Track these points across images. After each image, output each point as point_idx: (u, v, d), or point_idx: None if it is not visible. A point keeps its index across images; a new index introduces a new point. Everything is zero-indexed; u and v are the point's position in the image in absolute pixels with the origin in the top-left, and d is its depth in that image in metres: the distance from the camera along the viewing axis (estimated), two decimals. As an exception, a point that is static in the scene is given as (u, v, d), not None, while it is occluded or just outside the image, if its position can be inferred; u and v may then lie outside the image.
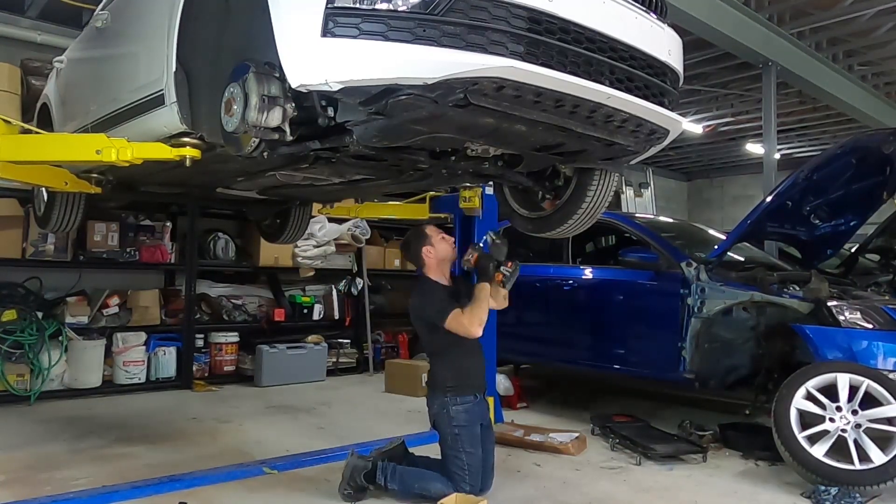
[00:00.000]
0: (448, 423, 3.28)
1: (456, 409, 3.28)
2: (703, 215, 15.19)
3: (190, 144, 2.70)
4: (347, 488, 3.31)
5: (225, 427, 4.82)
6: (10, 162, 3.21)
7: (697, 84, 9.17)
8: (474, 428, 3.32)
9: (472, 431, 3.31)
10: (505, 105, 2.14)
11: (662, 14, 2.60)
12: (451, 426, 3.28)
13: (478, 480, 3.26)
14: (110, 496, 3.26)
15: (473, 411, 3.33)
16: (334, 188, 3.82)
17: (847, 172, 4.64)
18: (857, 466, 3.52)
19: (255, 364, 6.58)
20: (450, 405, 3.29)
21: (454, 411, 3.28)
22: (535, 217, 3.44)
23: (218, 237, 6.85)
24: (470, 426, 3.30)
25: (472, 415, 3.32)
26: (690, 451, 4.24)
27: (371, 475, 3.30)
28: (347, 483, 3.31)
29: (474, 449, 3.27)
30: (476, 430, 3.33)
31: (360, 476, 3.28)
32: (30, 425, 4.72)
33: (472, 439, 3.29)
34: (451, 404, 3.29)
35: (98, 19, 3.51)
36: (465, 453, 3.24)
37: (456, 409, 3.28)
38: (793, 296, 4.29)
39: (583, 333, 5.35)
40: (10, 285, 5.59)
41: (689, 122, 10.42)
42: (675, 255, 4.81)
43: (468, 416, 3.30)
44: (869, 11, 7.27)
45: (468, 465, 3.23)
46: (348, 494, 3.31)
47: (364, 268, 7.66)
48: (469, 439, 3.27)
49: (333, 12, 1.95)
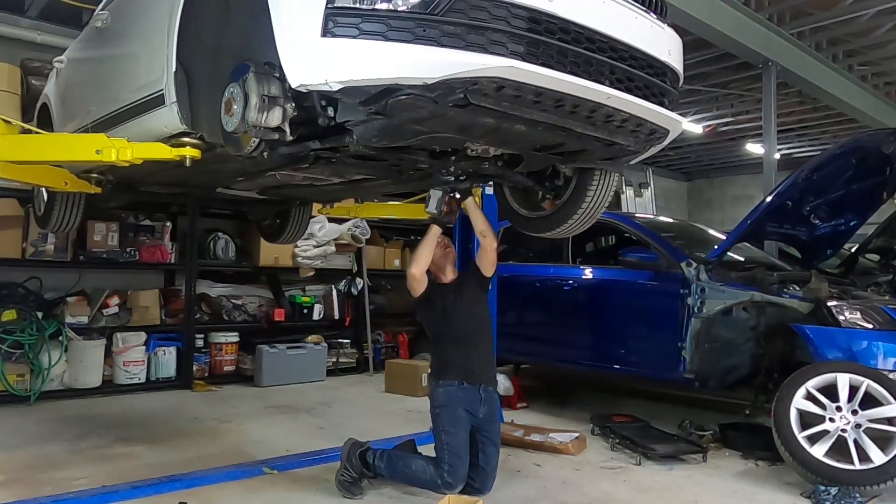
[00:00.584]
0: (431, 403, 3.46)
1: (437, 390, 3.44)
2: (703, 215, 15.19)
3: (190, 144, 2.70)
4: (344, 472, 3.39)
5: (225, 427, 4.82)
6: (10, 162, 3.21)
7: (697, 84, 9.17)
8: (455, 409, 3.37)
9: (453, 412, 3.37)
10: (505, 105, 2.14)
11: (662, 14, 2.60)
12: (433, 406, 3.44)
13: (457, 463, 3.24)
14: (110, 496, 3.27)
15: (455, 394, 3.41)
16: (334, 188, 3.82)
17: (847, 172, 4.64)
18: (857, 466, 3.52)
19: (255, 364, 6.58)
20: (433, 387, 3.48)
21: (435, 392, 3.45)
22: (535, 217, 3.43)
23: (218, 237, 6.85)
24: (450, 406, 3.38)
25: (452, 396, 3.40)
26: (690, 451, 4.24)
27: (364, 454, 3.42)
28: (344, 465, 3.40)
29: (454, 429, 3.32)
30: (458, 413, 3.37)
31: (356, 455, 3.40)
32: (30, 425, 4.72)
33: (453, 420, 3.35)
34: (434, 387, 3.47)
35: (98, 19, 3.51)
36: (444, 432, 3.32)
37: (437, 390, 3.44)
38: (793, 296, 4.29)
39: (583, 333, 5.35)
40: (10, 285, 5.59)
41: (689, 122, 10.42)
42: (674, 255, 4.81)
43: (448, 396, 3.41)
44: (869, 11, 7.26)
45: (447, 444, 3.29)
46: (343, 482, 3.37)
47: (364, 268, 7.67)
48: (449, 419, 3.35)
49: (333, 12, 1.94)
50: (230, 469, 3.71)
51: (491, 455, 3.43)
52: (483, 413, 3.45)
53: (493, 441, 3.47)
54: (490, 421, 3.50)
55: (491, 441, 3.46)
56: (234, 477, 3.61)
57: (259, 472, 3.70)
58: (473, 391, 3.44)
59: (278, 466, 3.78)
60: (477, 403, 3.43)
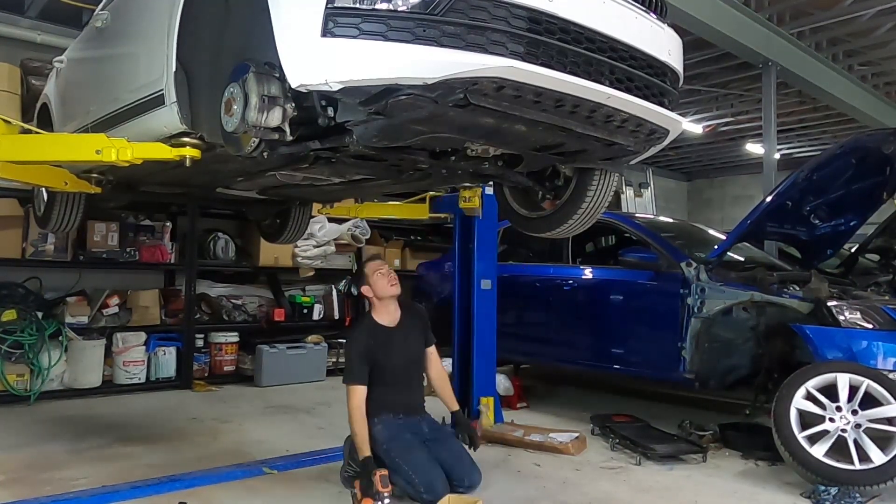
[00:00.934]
0: (376, 445, 3.22)
1: (377, 427, 3.28)
2: (703, 215, 15.19)
3: (190, 144, 2.69)
4: (347, 468, 3.35)
5: (225, 427, 4.82)
6: (10, 162, 3.21)
7: (697, 84, 9.17)
8: (402, 436, 3.29)
9: (401, 441, 3.26)
10: (505, 105, 2.14)
11: (662, 14, 2.60)
12: (378, 447, 3.23)
13: (430, 478, 3.14)
14: (110, 496, 3.27)
15: (393, 424, 3.33)
16: (334, 188, 3.82)
17: (847, 172, 4.64)
18: (857, 466, 3.52)
19: (255, 364, 6.58)
20: (371, 427, 3.25)
21: (374, 431, 3.26)
22: (535, 217, 3.43)
23: (218, 237, 6.85)
24: (396, 438, 3.27)
25: (391, 428, 3.31)
26: (690, 451, 4.24)
27: None
28: (346, 461, 3.36)
29: (410, 454, 3.21)
30: (405, 438, 3.28)
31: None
32: (30, 425, 4.72)
33: (404, 448, 3.23)
34: (373, 426, 3.26)
35: (98, 19, 3.51)
36: (403, 462, 3.18)
37: (377, 427, 3.28)
38: (793, 296, 4.29)
39: (583, 333, 5.35)
40: (10, 285, 5.59)
41: (689, 122, 10.42)
42: (674, 255, 4.81)
43: (389, 431, 3.30)
44: (869, 11, 7.27)
45: (411, 470, 3.16)
46: (348, 476, 3.33)
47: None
48: (399, 449, 3.22)
49: (333, 12, 1.94)
50: (230, 469, 3.71)
51: (456, 449, 3.37)
52: (427, 428, 3.44)
53: (448, 439, 3.43)
54: (436, 429, 3.48)
55: (446, 440, 3.42)
56: (234, 477, 3.61)
57: (259, 472, 3.70)
58: (413, 421, 3.42)
59: (278, 466, 3.78)
60: (418, 426, 3.42)
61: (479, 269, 4.77)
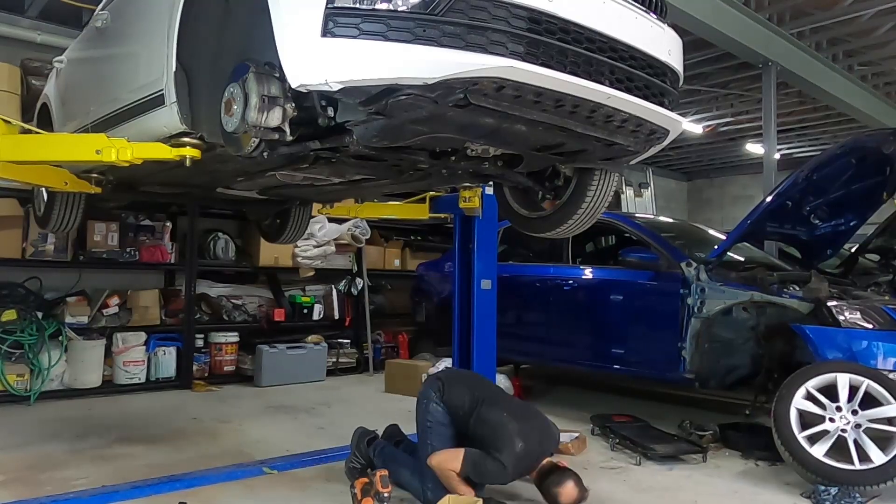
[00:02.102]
0: (423, 414, 3.35)
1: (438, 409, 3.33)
2: (703, 215, 15.19)
3: (190, 144, 2.69)
4: (353, 459, 3.47)
5: (225, 427, 4.82)
6: (10, 162, 3.21)
7: (697, 84, 9.18)
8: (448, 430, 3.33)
9: (444, 433, 3.32)
10: (505, 105, 2.14)
11: (662, 14, 2.60)
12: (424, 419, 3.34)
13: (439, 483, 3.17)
14: (110, 496, 3.26)
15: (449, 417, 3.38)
16: (334, 188, 3.82)
17: (847, 172, 4.64)
18: (857, 466, 3.52)
19: (255, 364, 6.58)
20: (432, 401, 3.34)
21: (432, 408, 3.34)
22: (535, 217, 3.43)
23: (218, 237, 6.85)
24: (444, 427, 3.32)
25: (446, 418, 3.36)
26: (690, 451, 4.24)
27: (371, 443, 3.53)
28: (353, 452, 3.48)
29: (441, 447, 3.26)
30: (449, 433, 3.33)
31: (364, 443, 3.52)
32: (30, 425, 4.72)
33: (442, 439, 3.29)
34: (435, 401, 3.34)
35: (98, 19, 3.51)
36: (430, 447, 3.26)
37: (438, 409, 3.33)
38: (793, 296, 4.29)
39: (583, 333, 5.35)
40: (10, 285, 5.59)
41: (689, 122, 10.43)
42: (674, 255, 4.81)
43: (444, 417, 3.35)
44: (869, 11, 7.27)
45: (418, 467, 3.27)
46: (353, 468, 3.43)
47: (364, 268, 7.66)
48: (438, 437, 3.29)
49: (333, 12, 1.94)
50: (230, 469, 3.71)
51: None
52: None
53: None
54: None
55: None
56: (234, 477, 3.61)
57: (259, 472, 3.70)
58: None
59: (278, 466, 3.78)
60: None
61: (479, 269, 4.76)
